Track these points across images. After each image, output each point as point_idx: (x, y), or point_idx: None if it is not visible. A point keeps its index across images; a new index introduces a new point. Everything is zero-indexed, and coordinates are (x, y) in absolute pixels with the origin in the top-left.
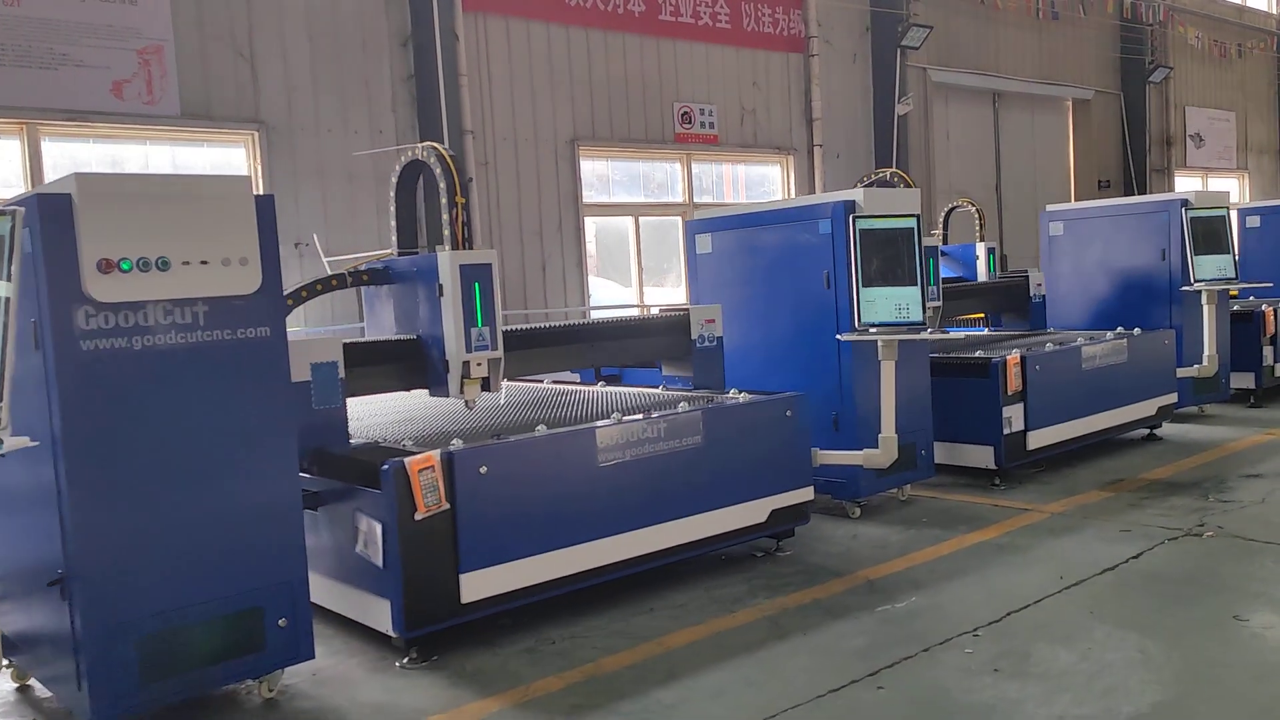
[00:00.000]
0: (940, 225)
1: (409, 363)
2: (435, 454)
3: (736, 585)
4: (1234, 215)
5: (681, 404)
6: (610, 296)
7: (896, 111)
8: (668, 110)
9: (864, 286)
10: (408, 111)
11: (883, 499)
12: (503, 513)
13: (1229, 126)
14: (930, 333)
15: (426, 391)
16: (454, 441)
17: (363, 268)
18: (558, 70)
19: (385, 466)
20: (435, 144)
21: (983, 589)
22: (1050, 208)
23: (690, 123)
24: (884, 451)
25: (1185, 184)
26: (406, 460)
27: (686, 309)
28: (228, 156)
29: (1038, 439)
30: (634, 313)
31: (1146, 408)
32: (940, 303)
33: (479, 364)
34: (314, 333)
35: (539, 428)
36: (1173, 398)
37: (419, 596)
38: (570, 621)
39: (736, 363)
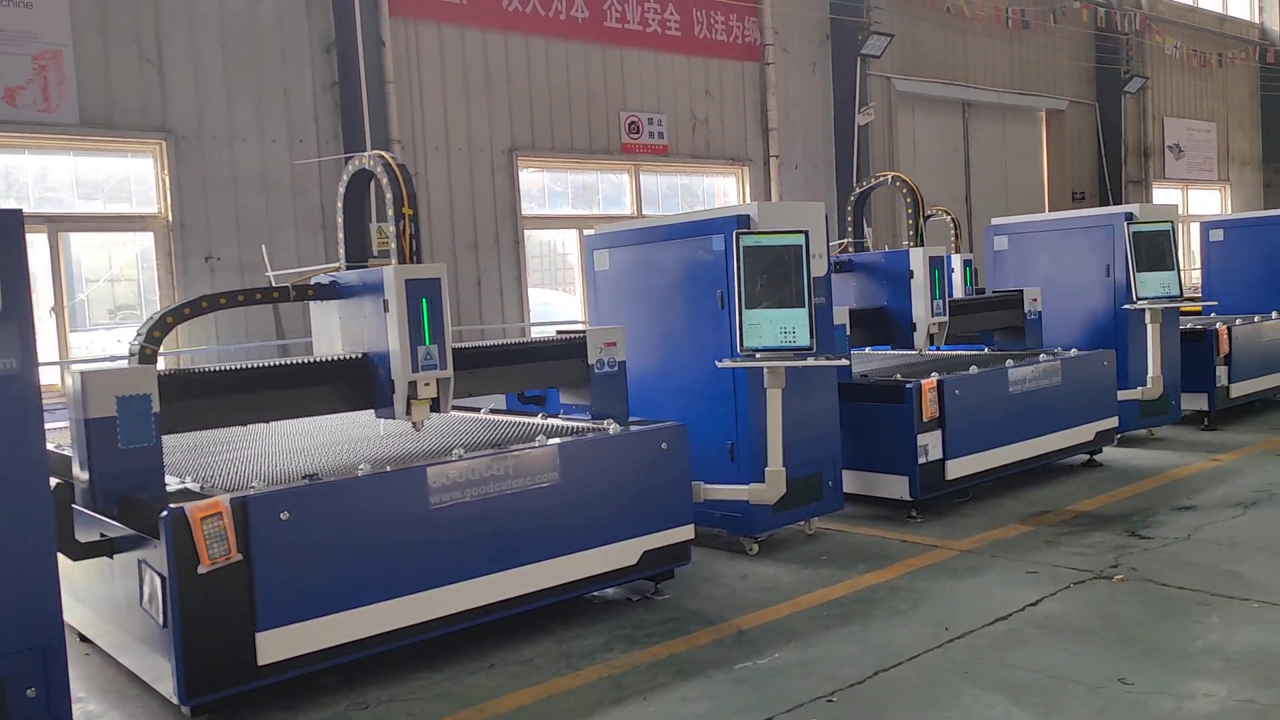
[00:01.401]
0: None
1: (331, 385)
2: (223, 499)
3: (595, 636)
4: (1195, 229)
5: (539, 437)
6: (573, 312)
7: (857, 121)
8: (614, 120)
9: (748, 308)
10: (331, 120)
11: (790, 533)
12: (311, 563)
13: (1209, 138)
14: (823, 359)
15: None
16: (252, 484)
17: (310, 282)
18: (494, 78)
19: (164, 514)
20: (383, 152)
21: (859, 642)
22: (995, 221)
23: (638, 133)
24: (770, 486)
25: (1164, 196)
26: (187, 506)
27: (583, 331)
28: (133, 166)
29: (957, 468)
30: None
31: (1084, 433)
32: (947, 317)
33: (426, 384)
34: (223, 351)
35: (361, 466)
36: (1113, 422)
37: (204, 659)
38: (397, 680)
39: (634, 389)
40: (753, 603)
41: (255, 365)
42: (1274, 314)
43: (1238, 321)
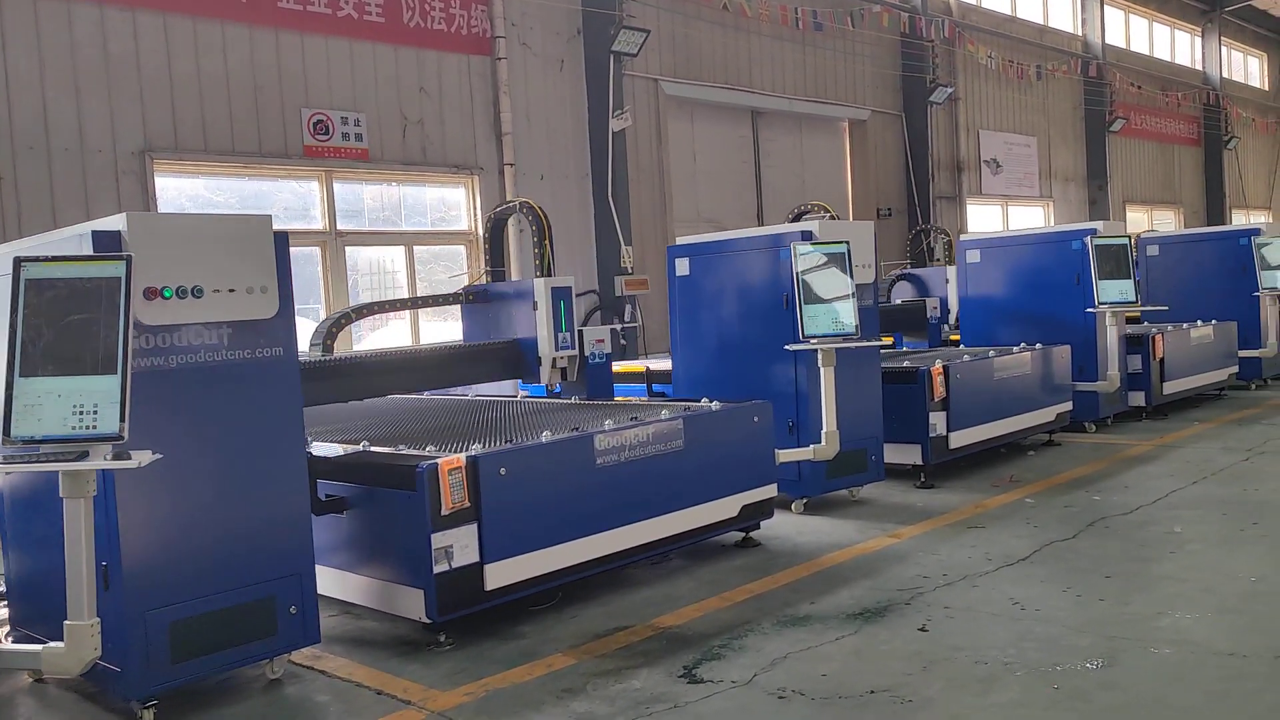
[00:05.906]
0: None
1: None
2: None
3: None
4: (955, 247)
5: None
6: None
7: (611, 127)
8: (293, 118)
9: (23, 376)
10: None
11: (250, 677)
12: None
13: (1030, 152)
14: (110, 460)
15: None
16: None
17: None
18: (119, 64)
19: None
20: None
21: None
22: (680, 240)
23: (328, 134)
24: (70, 649)
25: (981, 212)
26: None
27: None
28: None
29: (503, 574)
30: None
31: (723, 508)
32: (575, 350)
33: None
34: None
35: None
36: (769, 491)
37: None
38: None
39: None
40: None
41: None
42: (1019, 346)
43: (965, 357)
